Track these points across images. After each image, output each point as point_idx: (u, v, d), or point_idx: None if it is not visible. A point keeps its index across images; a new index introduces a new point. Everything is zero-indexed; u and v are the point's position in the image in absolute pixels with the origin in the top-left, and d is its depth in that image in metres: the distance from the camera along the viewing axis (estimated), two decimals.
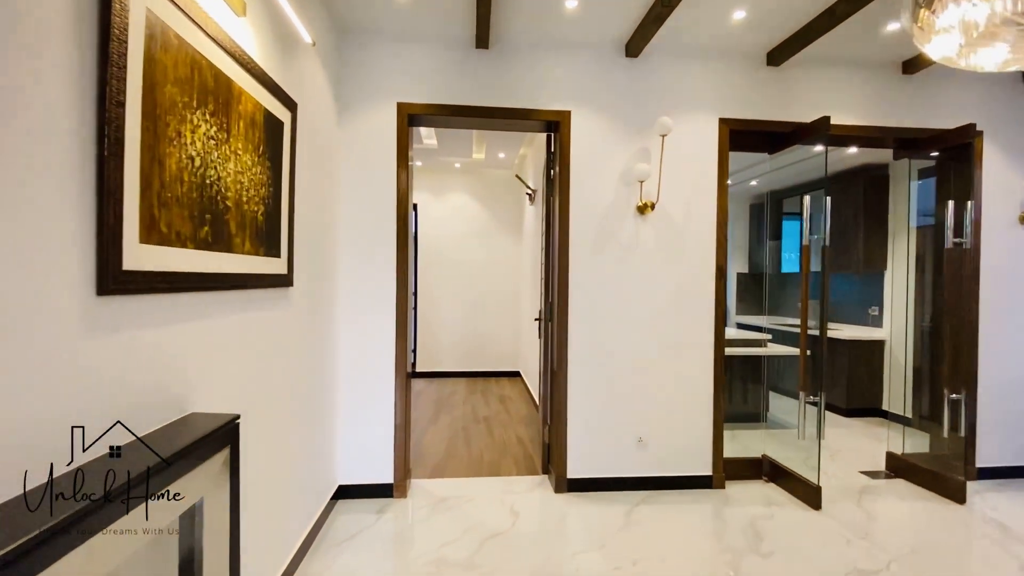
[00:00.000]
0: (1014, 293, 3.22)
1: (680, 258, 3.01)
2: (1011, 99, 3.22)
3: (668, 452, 3.01)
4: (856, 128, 3.12)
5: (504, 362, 6.49)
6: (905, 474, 3.23)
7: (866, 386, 4.74)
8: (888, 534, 2.50)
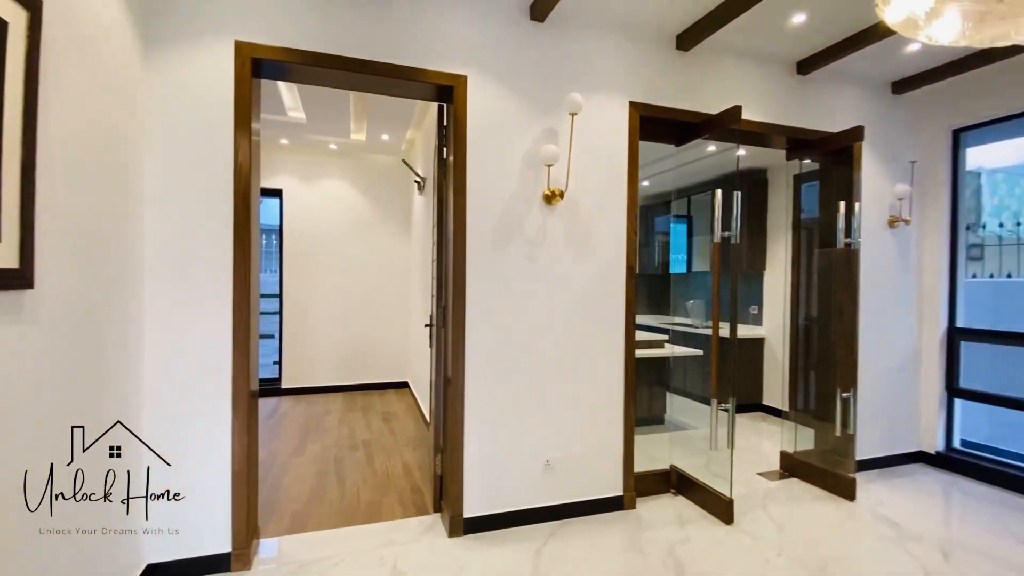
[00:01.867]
0: (884, 293, 3.41)
1: (591, 255, 2.68)
2: (883, 107, 3.40)
3: (578, 474, 2.66)
4: (755, 125, 3.06)
5: (390, 372, 5.80)
6: (799, 473, 3.26)
7: (749, 382, 4.92)
8: (801, 546, 2.39)
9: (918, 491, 3.07)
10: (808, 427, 3.50)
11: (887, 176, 3.40)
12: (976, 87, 3.21)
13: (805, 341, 3.63)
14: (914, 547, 2.39)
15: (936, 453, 3.47)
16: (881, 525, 2.61)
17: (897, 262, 3.46)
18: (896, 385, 3.47)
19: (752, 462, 3.52)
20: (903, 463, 3.50)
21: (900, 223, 3.39)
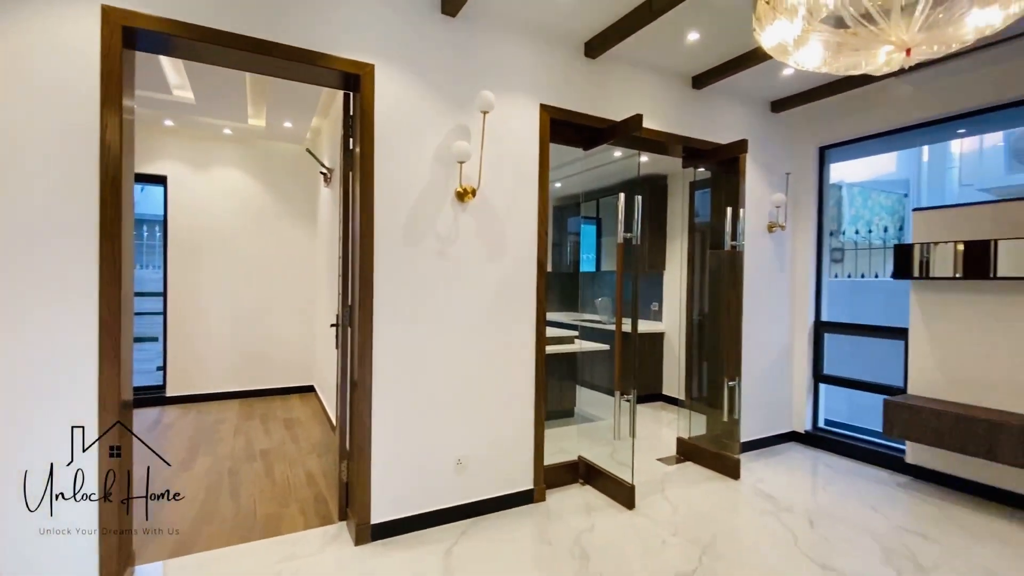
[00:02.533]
0: (764, 291, 3.79)
1: (503, 253, 2.70)
2: (764, 123, 3.78)
3: (490, 471, 2.67)
4: (655, 133, 3.25)
5: (294, 375, 5.45)
6: (693, 457, 3.53)
7: (651, 374, 5.25)
8: (693, 524, 2.59)
9: (791, 467, 3.46)
10: (701, 414, 3.81)
11: (767, 185, 3.79)
12: (838, 110, 3.68)
13: (699, 335, 3.94)
14: (786, 517, 2.69)
15: (805, 432, 3.94)
16: (760, 500, 2.91)
17: (774, 263, 3.86)
18: (773, 373, 3.88)
19: (653, 449, 3.76)
20: (779, 443, 3.92)
21: (777, 228, 3.79)
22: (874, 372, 3.78)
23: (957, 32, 1.39)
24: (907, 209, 6.02)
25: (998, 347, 2.88)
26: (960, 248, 2.93)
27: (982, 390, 2.94)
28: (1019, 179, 5.59)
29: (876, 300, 4.56)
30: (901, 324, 3.37)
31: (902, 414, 3.01)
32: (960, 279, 2.94)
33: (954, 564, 2.25)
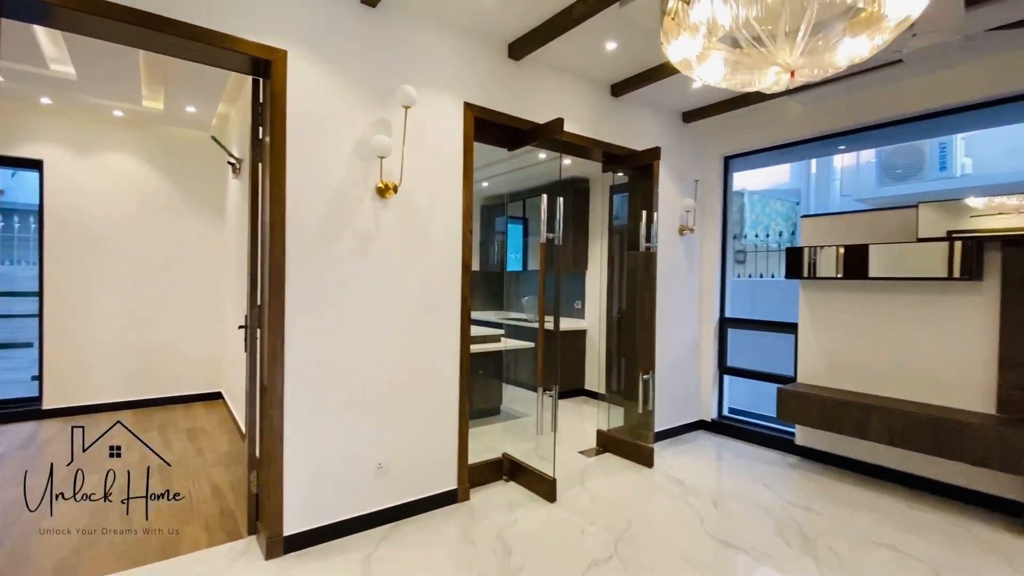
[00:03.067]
0: (676, 290, 4.04)
1: (427, 251, 2.67)
2: (676, 132, 4.03)
3: (413, 473, 2.63)
4: (577, 137, 3.36)
5: (198, 382, 5.03)
6: (612, 448, 3.69)
7: (574, 369, 5.42)
8: (610, 513, 2.70)
9: (698, 453, 3.72)
10: (620, 407, 4.00)
11: (678, 191, 4.04)
12: (739, 123, 3.99)
13: (618, 331, 4.12)
14: (694, 500, 2.89)
15: (712, 420, 4.25)
16: (671, 485, 3.10)
17: (685, 264, 4.13)
18: (684, 366, 4.15)
19: (575, 442, 3.88)
20: (689, 431, 4.20)
21: (687, 231, 4.06)
22: (771, 363, 4.15)
23: (832, 58, 1.57)
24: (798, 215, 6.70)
25: (870, 339, 3.27)
26: (841, 251, 3.29)
27: (858, 377, 3.32)
28: (889, 191, 6.40)
29: (773, 298, 5.01)
30: (793, 319, 3.73)
31: (792, 401, 3.34)
32: (841, 279, 3.30)
33: (834, 533, 2.53)
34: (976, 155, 5.93)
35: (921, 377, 3.05)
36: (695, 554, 2.32)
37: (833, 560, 2.28)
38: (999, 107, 3.00)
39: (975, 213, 2.79)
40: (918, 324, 3.07)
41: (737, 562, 2.28)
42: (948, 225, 2.86)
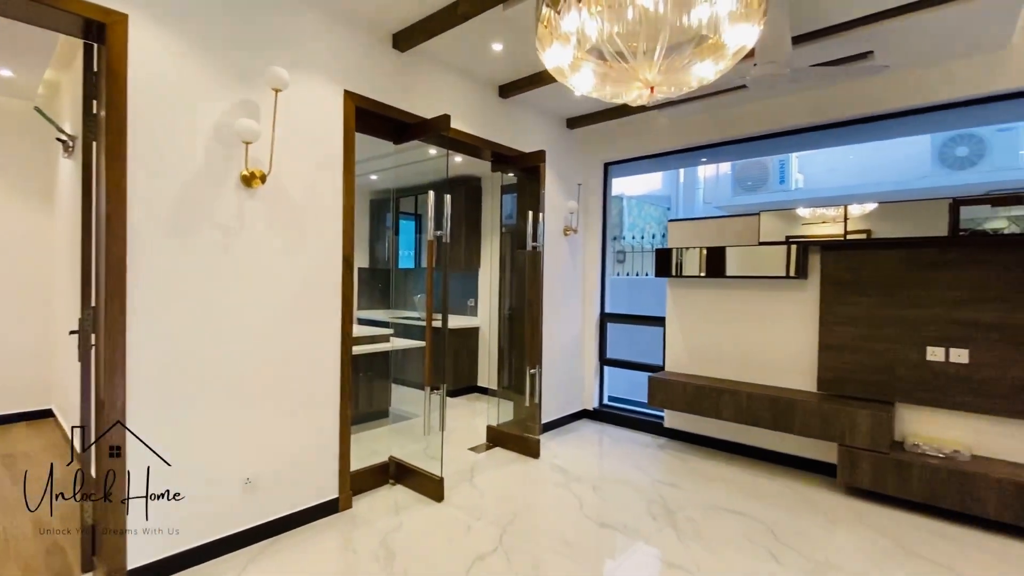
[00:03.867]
0: (561, 287, 4.23)
1: (302, 246, 2.49)
2: (561, 137, 4.21)
3: (288, 486, 2.45)
4: (466, 135, 3.37)
5: (19, 398, 4.22)
6: (501, 442, 3.76)
7: (467, 367, 5.44)
8: (496, 506, 2.76)
9: (581, 441, 3.93)
10: (510, 401, 4.09)
11: (563, 193, 4.23)
12: (617, 132, 4.29)
13: (509, 328, 4.22)
14: (575, 486, 3.05)
15: (594, 409, 4.52)
16: (555, 474, 3.24)
17: (569, 263, 4.34)
18: (569, 359, 4.37)
19: (466, 439, 3.90)
20: (573, 420, 4.43)
21: (571, 232, 4.26)
22: (646, 354, 4.52)
23: (685, 78, 1.73)
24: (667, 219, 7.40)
25: (725, 331, 3.70)
26: (703, 252, 3.67)
27: (715, 364, 3.74)
28: (741, 200, 7.31)
29: (648, 294, 5.46)
30: (662, 314, 4.09)
31: (660, 388, 3.67)
32: (703, 277, 3.69)
33: (693, 504, 2.83)
34: (807, 172, 7.04)
35: (764, 362, 3.52)
36: (574, 537, 2.45)
37: (691, 528, 2.55)
38: (819, 132, 3.56)
39: (805, 222, 3.28)
40: (762, 317, 3.54)
41: (610, 540, 2.45)
42: (786, 231, 3.32)
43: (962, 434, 2.84)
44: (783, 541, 2.44)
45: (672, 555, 2.32)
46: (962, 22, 2.50)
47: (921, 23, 2.51)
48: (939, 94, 2.98)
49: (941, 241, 2.78)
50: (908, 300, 2.95)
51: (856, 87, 3.21)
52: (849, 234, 3.06)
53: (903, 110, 3.16)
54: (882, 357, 3.02)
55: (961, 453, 2.72)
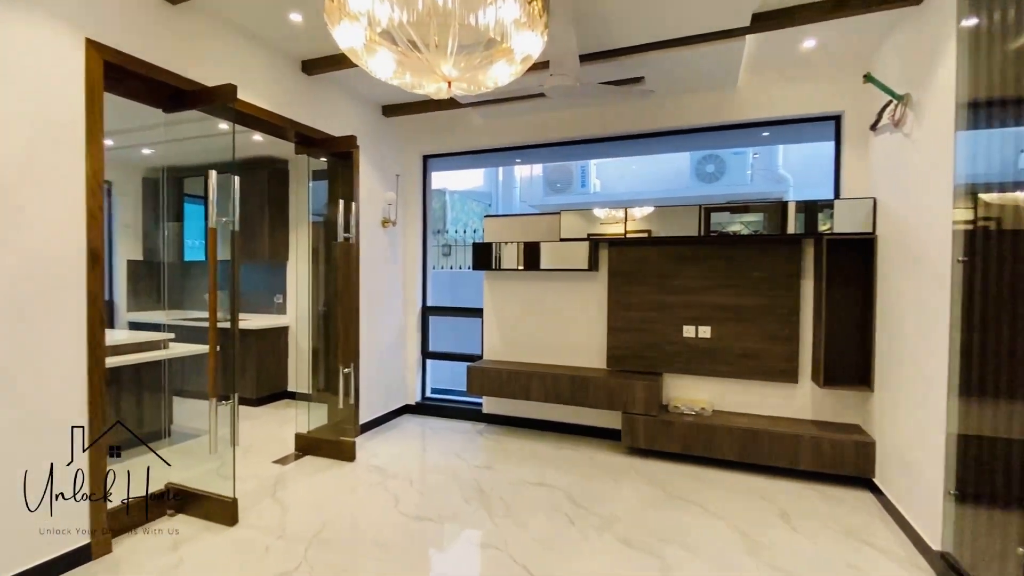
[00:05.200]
0: (380, 281, 4.10)
1: (16, 235, 1.93)
2: (377, 124, 4.04)
3: (11, 538, 1.89)
4: (262, 111, 3.01)
5: None
6: (312, 450, 3.49)
7: (274, 372, 4.92)
8: (301, 519, 2.55)
9: (402, 437, 3.88)
10: (325, 404, 3.82)
11: (381, 183, 4.08)
12: (436, 126, 4.29)
13: (324, 325, 3.92)
14: (392, 483, 2.99)
15: (416, 403, 4.50)
16: (371, 475, 3.13)
17: (389, 255, 4.22)
18: (390, 355, 4.26)
19: (271, 452, 3.52)
20: (395, 416, 4.34)
21: (390, 224, 4.15)
22: (468, 345, 4.65)
23: (482, 78, 1.79)
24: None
25: (535, 319, 4.00)
26: (520, 247, 3.88)
27: (527, 350, 4.03)
28: (552, 200, 8.01)
29: (472, 286, 5.63)
30: (481, 306, 4.25)
31: (477, 376, 3.81)
32: (519, 270, 3.91)
33: (504, 483, 3.00)
34: (603, 177, 8.06)
35: (567, 346, 3.91)
36: (389, 536, 2.39)
37: (502, 507, 2.71)
38: (609, 143, 4.07)
39: (601, 221, 3.70)
40: (565, 305, 3.91)
41: (425, 532, 2.46)
42: (585, 229, 3.70)
43: (708, 394, 3.55)
44: (579, 504, 2.75)
45: (484, 535, 2.43)
46: (706, 63, 3.09)
47: (677, 59, 3.02)
48: (692, 119, 3.64)
49: (696, 240, 3.42)
50: (671, 288, 3.56)
51: (635, 106, 3.74)
52: (630, 233, 3.57)
53: (668, 130, 3.79)
54: (653, 336, 3.60)
55: (706, 410, 3.40)
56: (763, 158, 7.33)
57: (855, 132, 3.18)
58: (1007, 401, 1.73)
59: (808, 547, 2.33)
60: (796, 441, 3.03)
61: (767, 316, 3.35)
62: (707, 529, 2.49)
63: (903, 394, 2.56)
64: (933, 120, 2.26)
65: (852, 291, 3.08)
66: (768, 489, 2.95)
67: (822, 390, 3.20)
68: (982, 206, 1.89)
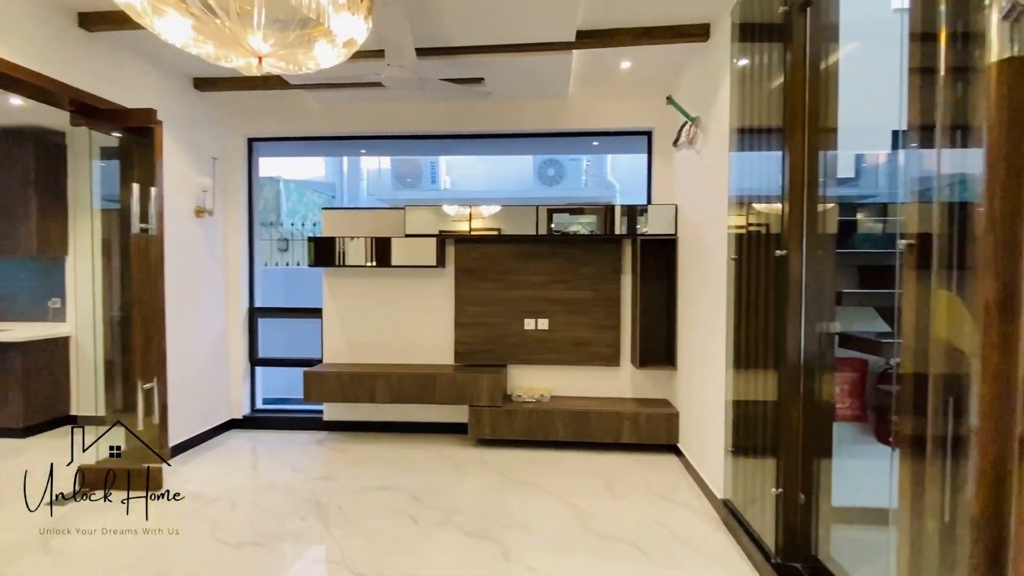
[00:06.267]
0: (194, 279, 3.56)
1: None
2: (187, 99, 3.49)
3: None
4: (22, 71, 2.40)
5: None
6: (103, 483, 2.89)
7: (49, 393, 3.98)
8: (83, 571, 2.10)
9: (226, 455, 3.44)
10: (121, 428, 3.19)
11: (194, 167, 3.54)
12: (263, 106, 3.86)
13: (121, 334, 3.28)
14: (210, 509, 2.63)
15: (244, 417, 4.02)
16: (185, 503, 2.71)
17: (205, 250, 3.69)
18: (210, 365, 3.74)
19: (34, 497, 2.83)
20: (218, 433, 3.83)
21: (206, 214, 3.63)
22: (306, 349, 4.30)
23: (302, 58, 1.65)
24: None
25: (381, 317, 3.85)
26: (368, 242, 3.68)
27: (373, 351, 3.86)
28: (402, 195, 7.81)
29: (311, 285, 5.21)
30: (320, 305, 3.95)
31: (316, 382, 3.55)
32: (365, 267, 3.71)
33: (344, 491, 2.84)
34: (453, 174, 8.12)
35: (416, 344, 3.84)
36: (201, 571, 2.10)
37: (340, 517, 2.56)
38: (457, 140, 4.10)
39: (454, 219, 3.69)
40: (413, 302, 3.84)
41: (246, 559, 2.21)
42: (433, 225, 3.65)
43: (548, 382, 3.80)
44: (423, 502, 2.73)
45: (319, 551, 2.27)
46: (540, 71, 3.27)
47: (514, 65, 3.15)
48: (530, 124, 3.84)
49: (536, 238, 3.61)
50: (514, 283, 3.73)
51: (477, 106, 3.82)
52: (476, 231, 3.63)
53: (509, 132, 3.94)
54: (498, 329, 3.73)
55: (545, 396, 3.63)
56: (594, 165, 8.11)
57: (663, 147, 3.67)
58: (760, 370, 2.16)
59: (627, 511, 2.64)
60: (618, 418, 3.41)
61: (596, 308, 3.70)
62: (544, 508, 2.66)
63: (696, 370, 3.04)
64: (715, 141, 2.71)
65: (662, 284, 3.56)
66: (597, 463, 3.26)
67: (639, 371, 3.64)
68: (745, 214, 2.32)
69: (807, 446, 1.93)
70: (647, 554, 2.24)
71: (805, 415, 1.92)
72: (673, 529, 2.46)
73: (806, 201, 1.90)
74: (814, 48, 1.88)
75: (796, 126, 1.91)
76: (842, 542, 1.87)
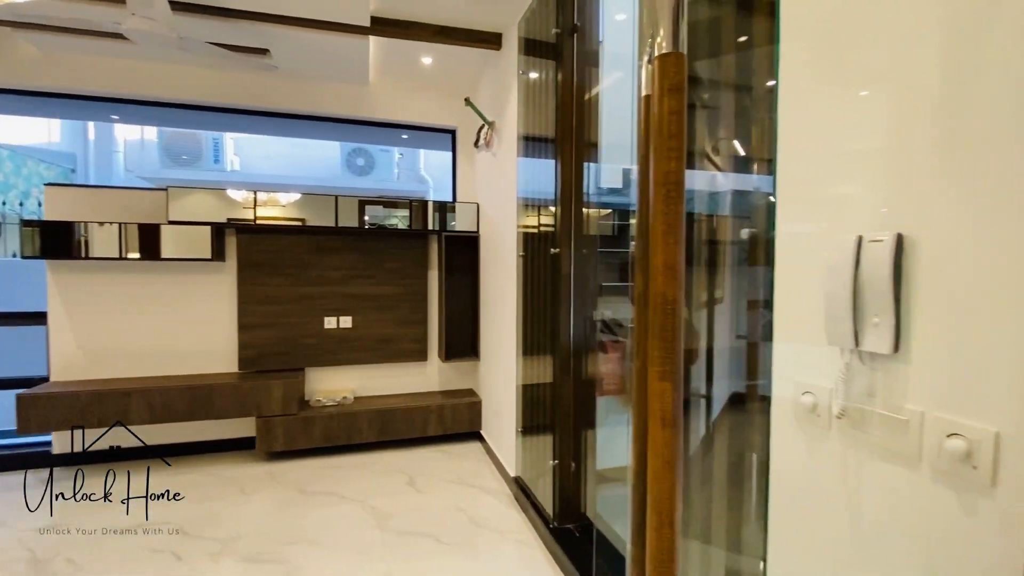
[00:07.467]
0: None
1: None
2: None
3: None
4: None
5: None
6: None
7: None
8: None
9: None
10: None
11: None
12: None
13: None
14: None
15: None
16: None
17: None
18: None
19: None
20: None
21: None
22: (22, 366, 3.32)
23: None
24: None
25: (139, 322, 3.17)
26: (125, 229, 2.96)
27: (127, 362, 3.16)
28: (174, 174, 6.58)
29: (25, 281, 4.03)
30: (44, 309, 3.09)
31: (38, 407, 2.78)
32: (116, 260, 2.98)
33: (78, 541, 2.28)
34: (243, 155, 7.15)
35: (187, 351, 3.27)
36: None
37: (70, 569, 2.04)
38: (247, 117, 3.59)
39: (244, 205, 3.19)
40: (182, 303, 3.26)
41: None
42: (210, 213, 3.13)
43: (352, 383, 3.62)
44: (191, 534, 2.34)
45: None
46: (336, 53, 3.06)
47: (305, 41, 2.89)
48: (329, 107, 3.58)
49: (343, 231, 3.38)
50: (313, 279, 3.44)
51: (266, 82, 3.41)
52: (269, 219, 3.24)
53: (305, 114, 3.62)
54: (293, 330, 3.41)
55: (348, 398, 3.45)
56: (407, 159, 8.01)
57: (466, 146, 3.79)
58: (542, 356, 2.39)
59: (428, 504, 2.66)
60: (425, 412, 3.42)
61: (403, 303, 3.65)
62: (340, 516, 2.53)
63: (495, 359, 3.22)
64: (507, 146, 2.90)
65: (466, 279, 3.68)
66: (402, 460, 3.23)
67: (446, 364, 3.71)
68: (530, 215, 2.53)
69: (576, 420, 2.19)
70: (444, 543, 2.29)
71: (575, 392, 2.18)
72: (472, 514, 2.57)
73: (574, 206, 2.15)
74: (580, 69, 2.12)
75: (566, 138, 2.15)
76: (604, 500, 2.18)
